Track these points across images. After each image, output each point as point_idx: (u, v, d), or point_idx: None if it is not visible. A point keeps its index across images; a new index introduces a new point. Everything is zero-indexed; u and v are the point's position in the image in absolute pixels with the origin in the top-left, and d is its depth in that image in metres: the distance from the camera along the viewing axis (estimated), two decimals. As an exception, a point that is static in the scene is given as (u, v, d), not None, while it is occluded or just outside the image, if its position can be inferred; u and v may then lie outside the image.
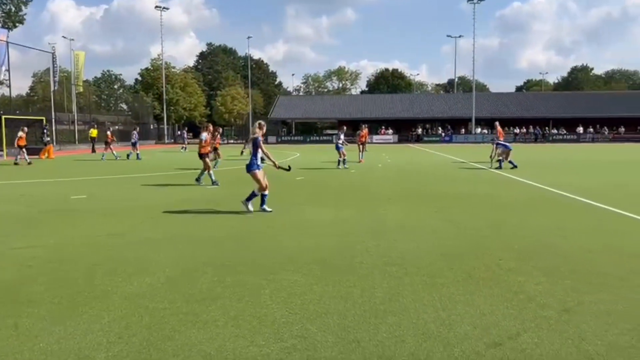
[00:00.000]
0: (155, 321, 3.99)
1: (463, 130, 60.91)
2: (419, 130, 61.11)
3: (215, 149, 19.37)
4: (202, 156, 13.79)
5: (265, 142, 19.90)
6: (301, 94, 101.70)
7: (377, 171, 18.87)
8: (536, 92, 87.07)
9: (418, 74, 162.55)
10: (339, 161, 20.05)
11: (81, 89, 53.79)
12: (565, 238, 6.91)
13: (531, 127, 59.86)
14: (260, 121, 9.31)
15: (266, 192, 9.15)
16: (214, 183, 13.44)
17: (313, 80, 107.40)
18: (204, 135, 13.98)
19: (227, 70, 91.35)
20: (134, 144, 27.95)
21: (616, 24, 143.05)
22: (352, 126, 58.95)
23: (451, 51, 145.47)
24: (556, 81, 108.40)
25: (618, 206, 9.48)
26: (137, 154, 27.24)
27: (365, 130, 24.43)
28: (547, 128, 60.83)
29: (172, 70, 74.33)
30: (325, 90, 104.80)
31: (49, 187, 14.03)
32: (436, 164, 22.64)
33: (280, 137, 60.33)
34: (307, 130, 69.36)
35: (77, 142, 46.11)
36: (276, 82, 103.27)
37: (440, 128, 62.36)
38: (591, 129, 58.65)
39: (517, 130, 59.18)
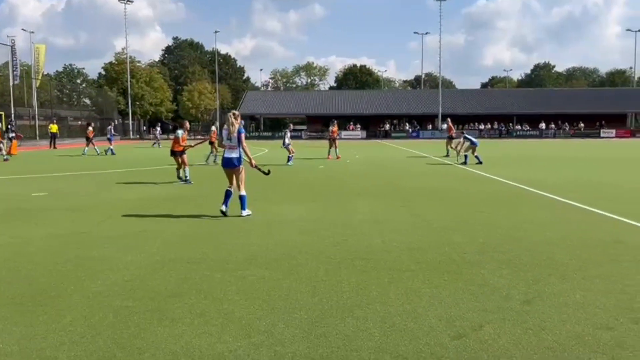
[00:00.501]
0: (120, 319, 3.93)
1: (430, 126, 61.70)
2: (387, 127, 61.64)
3: (211, 143, 19.40)
4: (175, 153, 13.35)
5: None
6: (269, 89, 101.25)
7: (345, 167, 18.97)
8: (500, 89, 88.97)
9: (386, 70, 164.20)
10: (289, 158, 19.91)
11: (40, 83, 52.29)
12: (528, 231, 7.09)
13: (496, 123, 61.12)
14: (234, 111, 8.52)
15: (232, 189, 8.36)
16: (180, 179, 13.19)
17: (281, 75, 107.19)
18: (180, 132, 13.61)
19: (193, 65, 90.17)
20: (109, 139, 28.52)
21: (577, 22, 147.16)
22: (321, 122, 59.24)
23: (418, 48, 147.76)
24: (520, 78, 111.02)
25: (577, 200, 9.78)
26: (110, 149, 27.59)
27: (335, 127, 24.15)
28: (511, 124, 62.18)
29: (137, 64, 73.03)
30: (294, 85, 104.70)
31: (8, 184, 13.62)
32: (403, 160, 22.89)
33: (248, 133, 59.93)
34: (275, 126, 69.11)
35: (37, 138, 44.85)
36: (244, 77, 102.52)
37: (407, 124, 63.02)
38: (553, 125, 60.23)
39: (482, 126, 60.37)
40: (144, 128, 67.05)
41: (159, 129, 40.47)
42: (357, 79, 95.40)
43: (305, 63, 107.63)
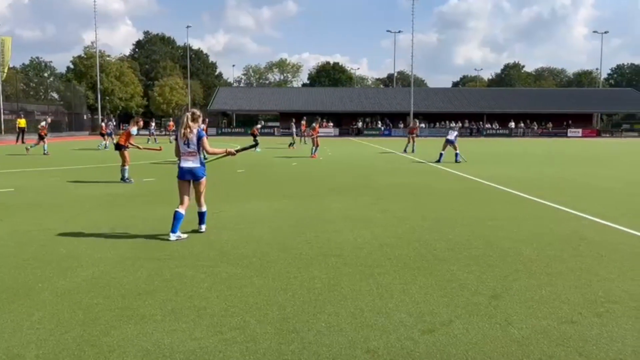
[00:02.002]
0: (90, 317, 3.88)
1: (402, 124, 62.20)
2: (360, 124, 61.93)
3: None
4: (119, 147, 12.60)
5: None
6: (242, 85, 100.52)
7: (318, 164, 19.00)
8: (471, 88, 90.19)
9: (359, 68, 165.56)
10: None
11: (6, 76, 50.83)
12: (496, 228, 7.24)
13: (467, 121, 61.98)
14: (194, 110, 6.76)
15: (183, 211, 6.52)
16: (125, 179, 12.40)
17: (254, 71, 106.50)
18: (135, 129, 12.91)
19: (165, 60, 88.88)
20: (109, 134, 29.21)
21: (546, 23, 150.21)
22: (293, 119, 59.16)
23: (391, 46, 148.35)
24: (490, 77, 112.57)
25: (543, 197, 10.03)
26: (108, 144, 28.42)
27: (317, 124, 24.11)
28: (481, 122, 63.13)
29: (107, 58, 71.66)
30: (267, 82, 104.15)
31: (-28, 180, 13.23)
32: (375, 157, 23.05)
33: (220, 129, 59.52)
34: (248, 122, 68.68)
35: (3, 133, 43.62)
36: (216, 73, 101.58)
37: (379, 122, 63.41)
38: (522, 124, 61.41)
39: (453, 125, 61.07)
40: (114, 123, 65.82)
41: (153, 124, 40.02)
42: (330, 76, 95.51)
43: (279, 59, 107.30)
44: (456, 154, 19.24)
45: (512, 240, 6.46)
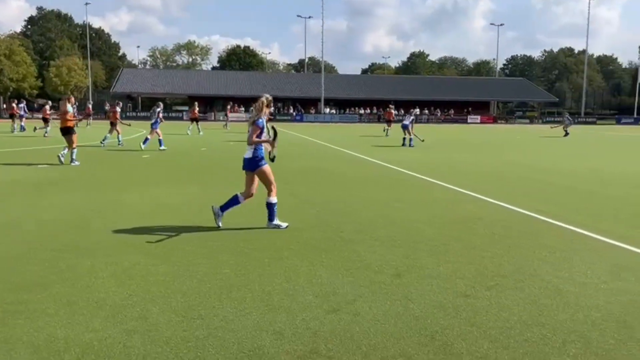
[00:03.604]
0: (-27, 314, 3.58)
1: (313, 110, 62.71)
2: (271, 109, 61.64)
3: (112, 124, 18.70)
4: (68, 131, 12.32)
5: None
6: (148, 67, 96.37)
7: (229, 149, 18.71)
8: (379, 75, 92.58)
9: (270, 53, 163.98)
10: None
11: None
12: (401, 210, 7.52)
13: (375, 108, 63.65)
14: (267, 95, 6.55)
15: (242, 198, 6.40)
16: (61, 160, 12.29)
17: (161, 53, 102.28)
18: (69, 107, 12.57)
19: (61, 38, 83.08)
20: (21, 117, 28.57)
21: (448, 14, 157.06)
22: (203, 103, 57.73)
23: (302, 31, 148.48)
24: (397, 65, 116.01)
25: (447, 181, 10.55)
26: (22, 126, 27.96)
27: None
28: (388, 109, 65.05)
29: (-5, 35, 65.82)
30: (174, 64, 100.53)
31: None
32: (286, 142, 23.06)
33: (124, 113, 56.77)
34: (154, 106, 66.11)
35: None
36: (120, 54, 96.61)
37: (291, 107, 63.52)
38: (426, 111, 64.04)
39: (362, 111, 62.59)
40: (4, 106, 60.85)
41: (90, 106, 36.42)
42: (240, 60, 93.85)
43: (187, 41, 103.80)
44: (410, 139, 20.32)
45: (415, 221, 6.74)
